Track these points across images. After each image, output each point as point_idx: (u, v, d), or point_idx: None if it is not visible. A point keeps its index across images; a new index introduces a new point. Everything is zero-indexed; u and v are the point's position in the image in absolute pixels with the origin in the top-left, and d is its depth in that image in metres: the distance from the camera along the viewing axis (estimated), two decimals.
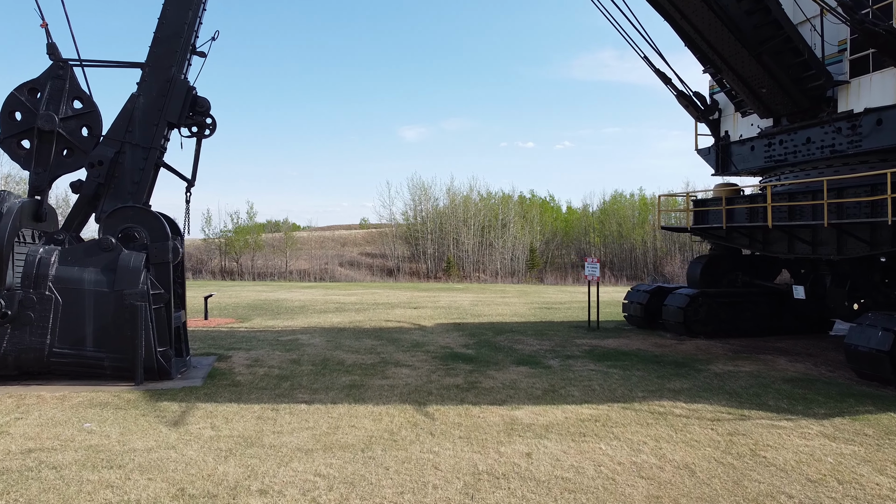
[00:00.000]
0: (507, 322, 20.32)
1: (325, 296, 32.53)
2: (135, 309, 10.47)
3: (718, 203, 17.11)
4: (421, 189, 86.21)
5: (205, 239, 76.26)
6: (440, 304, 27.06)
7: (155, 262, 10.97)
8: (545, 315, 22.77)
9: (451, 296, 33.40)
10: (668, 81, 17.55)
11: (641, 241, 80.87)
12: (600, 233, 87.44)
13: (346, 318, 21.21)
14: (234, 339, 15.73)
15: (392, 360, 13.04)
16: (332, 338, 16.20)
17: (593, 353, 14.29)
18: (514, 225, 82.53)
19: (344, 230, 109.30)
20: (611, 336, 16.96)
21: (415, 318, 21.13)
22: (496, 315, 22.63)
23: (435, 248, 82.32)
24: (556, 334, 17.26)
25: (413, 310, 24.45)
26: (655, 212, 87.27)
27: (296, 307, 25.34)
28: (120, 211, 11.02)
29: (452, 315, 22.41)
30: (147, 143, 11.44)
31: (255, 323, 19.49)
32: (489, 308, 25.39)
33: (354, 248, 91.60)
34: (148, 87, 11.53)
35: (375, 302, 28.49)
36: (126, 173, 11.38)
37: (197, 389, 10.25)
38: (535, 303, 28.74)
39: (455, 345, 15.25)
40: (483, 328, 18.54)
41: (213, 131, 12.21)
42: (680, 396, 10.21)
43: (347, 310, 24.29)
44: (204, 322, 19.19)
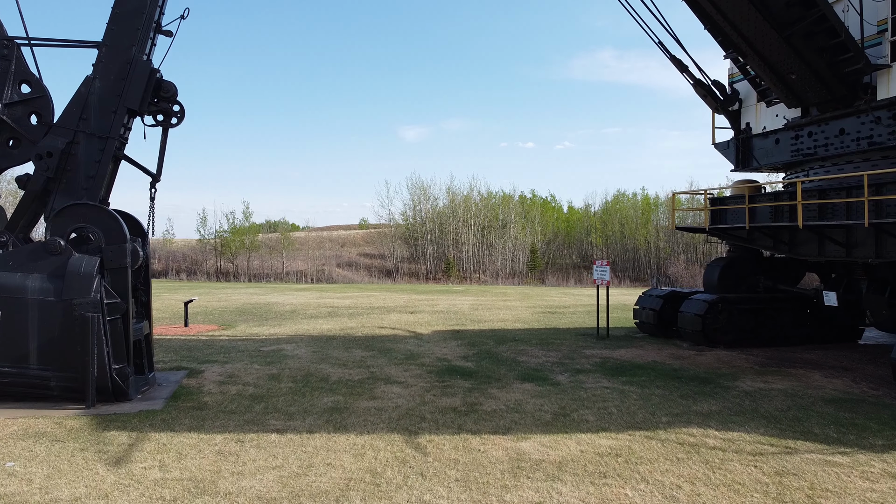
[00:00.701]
0: (509, 329, 18.97)
1: (318, 299, 31.19)
2: (85, 321, 9.14)
3: (739, 201, 15.77)
4: (420, 189, 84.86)
5: (200, 239, 74.90)
6: (438, 309, 25.72)
7: (111, 267, 9.63)
8: (549, 321, 21.42)
9: (450, 299, 32.05)
10: (685, 69, 16.22)
11: (644, 241, 79.49)
12: (602, 233, 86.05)
13: (338, 324, 19.86)
14: (211, 350, 14.39)
15: (382, 376, 11.69)
16: (320, 348, 14.86)
17: (605, 366, 12.95)
18: (514, 225, 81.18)
19: (343, 230, 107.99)
20: (622, 346, 15.61)
21: (411, 325, 19.79)
22: (497, 321, 21.28)
23: (434, 249, 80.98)
24: (563, 343, 15.91)
25: (409, 315, 23.10)
26: (658, 212, 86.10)
27: (286, 312, 24.00)
28: (71, 209, 9.68)
29: (451, 321, 21.06)
30: (104, 133, 10.10)
31: (238, 330, 18.14)
32: (490, 313, 24.04)
33: (353, 248, 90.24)
34: (105, 69, 10.18)
35: (371, 306, 27.15)
36: (80, 166, 10.04)
37: (155, 414, 8.91)
38: (537, 307, 27.39)
39: (453, 356, 13.91)
40: (484, 336, 17.20)
41: (181, 120, 10.88)
42: (710, 422, 8.86)
43: (340, 315, 22.94)
44: (183, 329, 17.85)
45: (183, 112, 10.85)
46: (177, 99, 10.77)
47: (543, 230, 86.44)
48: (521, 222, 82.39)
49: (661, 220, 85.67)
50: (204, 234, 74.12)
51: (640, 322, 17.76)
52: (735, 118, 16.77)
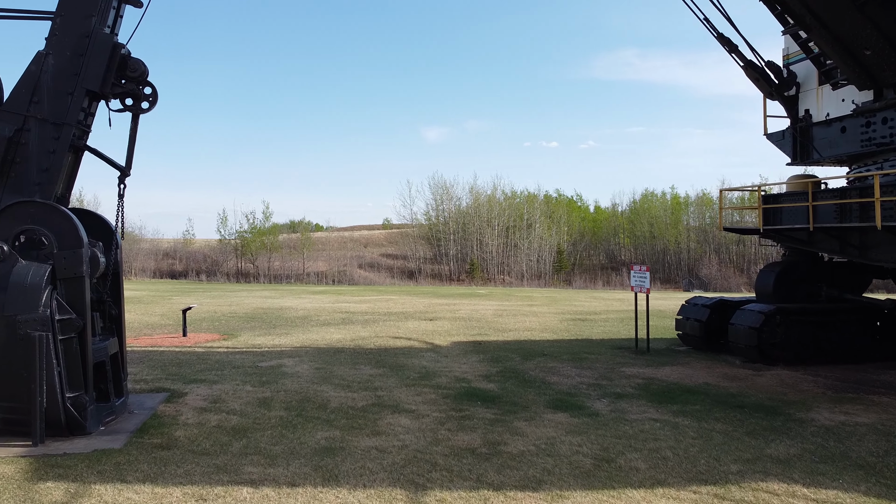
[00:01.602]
0: (536, 340, 17.22)
1: (333, 303, 29.69)
2: (31, 341, 7.63)
3: (798, 199, 13.88)
4: (443, 188, 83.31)
5: (220, 240, 74.13)
6: (459, 315, 24.03)
7: (64, 276, 8.11)
8: (580, 330, 19.62)
9: (472, 304, 30.35)
10: (734, 49, 14.37)
11: (675, 241, 76.97)
12: (631, 233, 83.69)
13: (349, 333, 18.28)
14: (203, 366, 12.87)
15: (390, 402, 10.04)
16: (324, 363, 13.27)
17: (649, 389, 11.17)
18: (539, 225, 79.19)
19: (366, 231, 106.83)
20: (666, 362, 13.80)
21: (429, 334, 18.13)
22: (523, 329, 19.54)
23: (457, 250, 79.29)
24: (598, 359, 14.14)
25: (428, 322, 21.46)
26: (688, 211, 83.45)
27: (297, 318, 22.50)
28: (16, 207, 8.17)
29: (472, 330, 19.37)
30: (59, 118, 8.58)
31: (240, 340, 16.64)
32: (515, 320, 22.30)
33: (376, 248, 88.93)
34: (60, 44, 8.68)
35: (388, 311, 25.56)
36: (31, 157, 8.53)
37: (110, 455, 7.35)
38: (566, 313, 25.58)
39: (473, 375, 12.22)
40: (508, 349, 15.48)
41: (153, 104, 9.34)
42: (793, 472, 7.06)
43: (354, 322, 21.37)
44: (181, 340, 16.40)
45: (155, 95, 9.31)
46: (147, 80, 9.23)
47: (569, 230, 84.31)
48: (547, 222, 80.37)
49: (691, 220, 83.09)
50: (224, 235, 73.34)
51: (683, 334, 15.92)
52: (792, 104, 14.86)
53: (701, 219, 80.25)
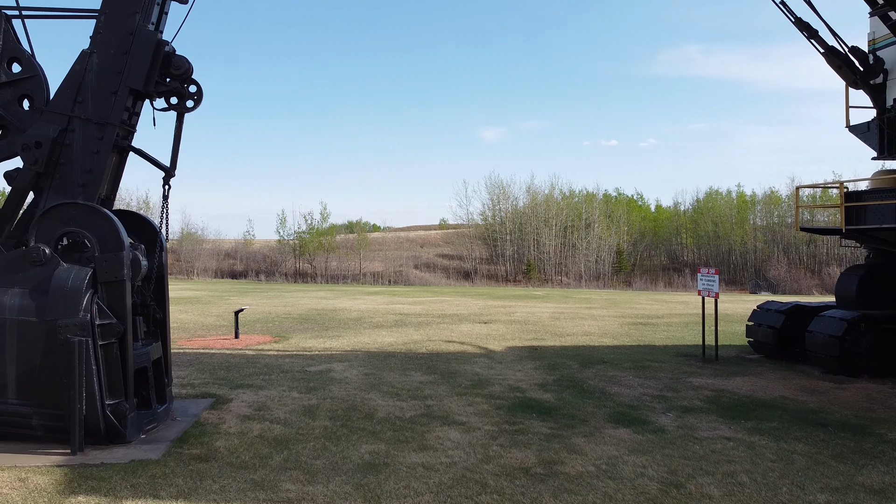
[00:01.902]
0: (595, 346, 16.43)
1: (388, 304, 29.43)
2: (70, 346, 7.43)
3: (886, 196, 12.73)
4: (499, 188, 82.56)
5: (279, 240, 75.29)
6: (515, 318, 23.38)
7: (105, 280, 7.90)
8: (642, 335, 18.71)
9: (528, 306, 29.62)
10: (814, 34, 13.33)
11: (741, 241, 74.12)
12: (694, 233, 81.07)
13: (402, 336, 17.88)
14: (252, 370, 12.65)
15: (440, 412, 9.53)
16: (374, 369, 12.87)
17: (719, 402, 10.33)
18: (598, 225, 77.53)
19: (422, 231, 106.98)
20: (736, 372, 12.86)
21: (483, 338, 17.57)
22: (582, 334, 18.76)
23: (514, 250, 78.39)
24: (662, 368, 13.30)
25: (483, 325, 20.90)
26: (755, 210, 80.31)
27: (350, 320, 22.27)
28: (58, 209, 8.00)
29: (528, 334, 18.70)
30: (103, 119, 8.39)
31: (291, 343, 16.44)
32: (573, 324, 21.51)
33: (432, 249, 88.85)
34: (104, 42, 8.48)
35: (442, 313, 25.11)
36: (75, 158, 8.36)
37: (146, 467, 7.06)
38: (626, 316, 24.60)
39: (528, 384, 11.60)
40: (566, 355, 14.77)
41: (198, 103, 9.07)
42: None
43: (407, 324, 20.99)
44: (232, 342, 16.30)
45: (200, 93, 9.04)
46: (192, 77, 8.97)
47: (629, 230, 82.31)
48: (606, 222, 78.63)
49: (758, 219, 79.92)
50: (283, 235, 74.44)
51: (754, 341, 14.90)
52: (878, 93, 13.67)
53: (768, 218, 77.11)
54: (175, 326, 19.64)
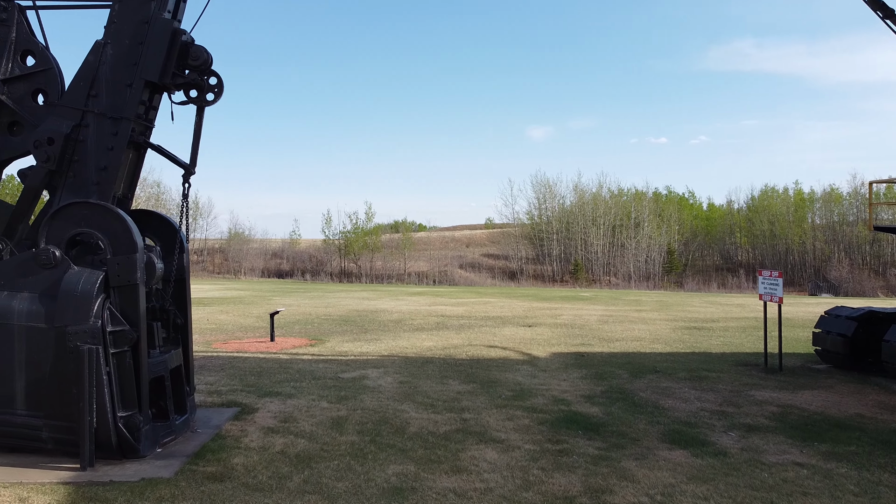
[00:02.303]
0: (646, 353, 15.45)
1: (430, 306, 28.83)
2: (80, 355, 6.96)
3: None
4: (545, 187, 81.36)
5: (325, 240, 75.65)
6: (561, 321, 22.47)
7: (117, 284, 7.41)
8: (697, 341, 17.61)
9: (575, 308, 28.62)
10: (890, 14, 12.11)
11: (799, 241, 71.21)
12: (748, 232, 78.31)
13: (442, 340, 17.20)
14: (283, 376, 12.14)
15: (477, 427, 8.80)
16: (410, 376, 12.21)
17: (787, 420, 9.33)
18: (648, 224, 75.60)
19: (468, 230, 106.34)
20: (804, 385, 11.77)
21: (526, 343, 16.76)
22: (631, 339, 17.76)
23: (561, 250, 77.04)
24: (720, 378, 12.29)
25: (527, 328, 20.08)
26: (814, 208, 77.11)
27: (390, 322, 21.73)
28: (69, 209, 7.55)
29: (575, 338, 17.80)
30: (117, 113, 7.92)
31: (327, 346, 15.93)
32: (622, 328, 20.49)
33: (478, 248, 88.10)
34: (118, 32, 8.01)
35: (485, 315, 24.36)
36: (89, 155, 7.91)
37: (157, 486, 6.53)
38: (679, 320, 23.42)
39: (574, 395, 10.76)
40: (614, 363, 13.86)
41: (219, 95, 8.54)
42: None
43: (448, 327, 20.32)
44: (267, 345, 15.88)
45: (221, 85, 8.50)
46: (211, 68, 8.44)
47: (681, 229, 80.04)
48: (656, 221, 76.61)
49: (816, 218, 76.73)
50: (328, 235, 74.74)
51: (822, 350, 13.72)
52: None
53: (828, 216, 73.92)
54: (213, 328, 19.40)
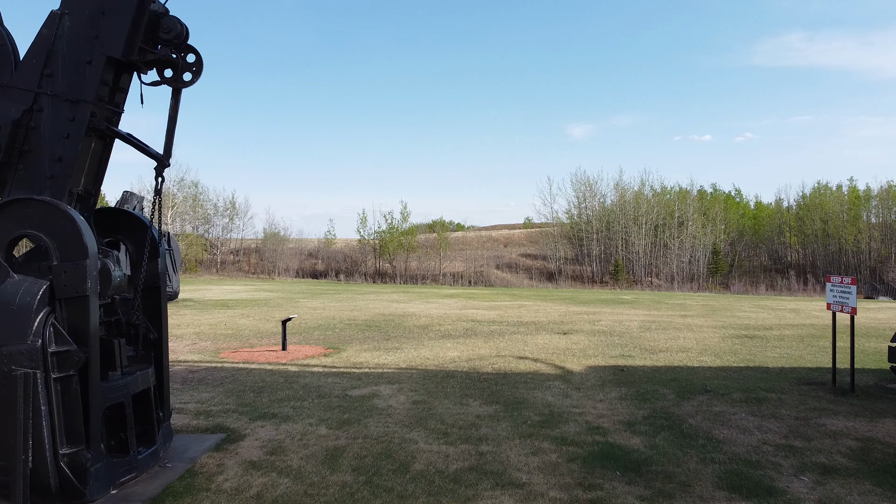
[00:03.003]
0: (694, 367, 13.85)
1: (461, 309, 27.51)
2: (14, 381, 5.83)
3: None
4: (585, 185, 79.22)
5: (360, 240, 74.89)
6: (600, 327, 20.91)
7: (64, 296, 6.27)
8: (750, 353, 15.90)
9: (615, 312, 26.96)
10: None
11: (854, 241, 67.74)
12: (799, 232, 74.93)
13: (468, 349, 15.86)
14: (285, 393, 10.94)
15: (494, 465, 7.43)
16: (426, 394, 10.90)
17: (870, 459, 7.73)
18: (692, 223, 72.89)
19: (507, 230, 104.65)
20: (884, 411, 10.08)
21: (560, 354, 15.30)
22: (677, 350, 16.15)
23: (601, 250, 74.86)
24: (782, 401, 10.67)
25: (562, 336, 18.60)
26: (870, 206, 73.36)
27: (416, 327, 20.48)
28: (11, 207, 6.43)
29: (614, 348, 16.26)
30: (76, 95, 6.78)
31: (342, 356, 14.73)
32: (666, 336, 18.85)
33: (516, 248, 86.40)
34: (78, 1, 6.88)
35: (518, 321, 22.93)
36: (43, 144, 6.80)
37: None
38: (728, 327, 21.63)
39: (612, 421, 9.31)
40: (659, 380, 12.32)
41: (197, 76, 7.35)
42: None
43: (477, 334, 18.97)
44: (277, 354, 14.75)
45: (200, 64, 7.31)
46: (188, 44, 7.26)
47: (727, 228, 77.08)
48: (701, 220, 73.85)
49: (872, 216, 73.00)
50: (363, 235, 73.98)
51: None
52: None
53: (885, 214, 70.22)
54: (228, 334, 18.43)
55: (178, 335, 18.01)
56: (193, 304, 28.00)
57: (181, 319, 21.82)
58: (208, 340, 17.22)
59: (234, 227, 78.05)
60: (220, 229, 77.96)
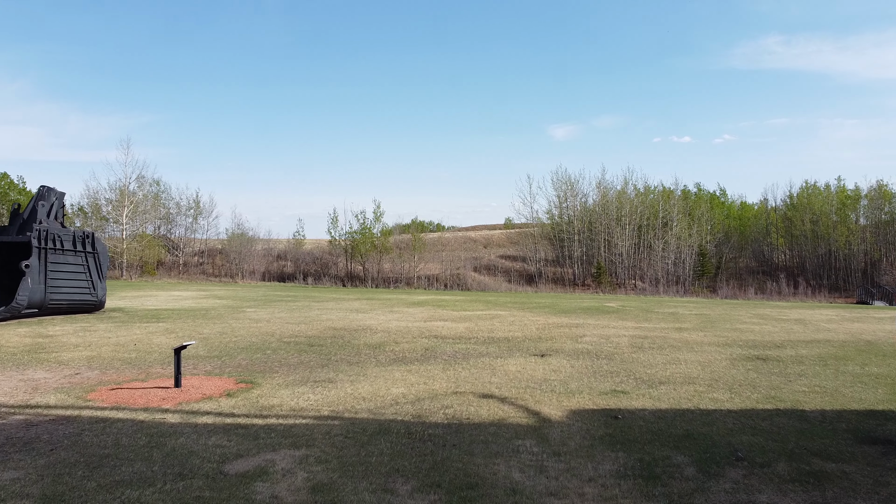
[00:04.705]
0: (709, 410, 10.61)
1: (426, 321, 24.17)
2: None
3: None
4: (567, 183, 76.24)
5: (330, 241, 71.22)
6: (584, 345, 17.69)
7: None
8: (772, 384, 12.72)
9: (601, 325, 23.77)
10: None
11: (845, 242, 65.33)
12: (787, 233, 72.49)
13: (420, 383, 12.52)
14: (133, 469, 7.51)
15: None
16: (338, 471, 7.52)
17: None
18: (678, 224, 70.15)
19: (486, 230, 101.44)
20: None
21: (536, 388, 12.01)
22: (682, 381, 12.94)
23: (583, 251, 71.87)
24: (847, 475, 7.44)
25: (538, 360, 15.34)
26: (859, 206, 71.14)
27: (367, 346, 17.12)
28: None
29: (603, 378, 13.01)
30: None
31: (253, 396, 11.29)
32: (664, 358, 15.66)
33: (495, 249, 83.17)
34: None
35: (490, 336, 19.64)
36: None
37: None
38: (733, 344, 18.50)
39: None
40: (667, 436, 9.06)
41: None
42: None
43: (437, 356, 15.66)
44: (167, 393, 11.27)
45: None
46: None
47: (712, 229, 74.48)
48: (686, 220, 71.14)
49: (861, 217, 70.77)
50: (334, 236, 70.36)
51: None
52: None
53: (876, 215, 67.96)
54: (126, 360, 14.93)
55: (62, 361, 14.48)
56: (118, 317, 24.35)
57: (84, 338, 18.24)
58: (96, 370, 13.71)
59: (199, 227, 74.08)
60: (184, 229, 73.93)
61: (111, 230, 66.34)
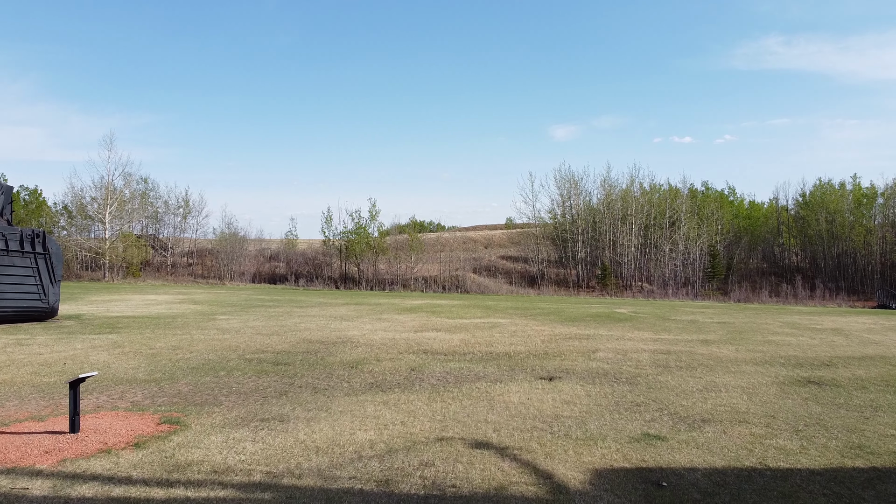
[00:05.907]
0: (783, 470, 7.83)
1: (417, 331, 21.40)
2: None
3: None
4: (570, 182, 73.41)
5: (324, 241, 68.40)
6: (598, 363, 14.90)
7: None
8: (846, 424, 9.93)
9: (614, 336, 20.98)
10: None
11: (863, 242, 62.44)
12: (800, 232, 69.65)
13: (396, 423, 9.75)
14: None
15: None
16: None
17: None
18: (686, 223, 67.31)
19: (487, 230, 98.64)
20: None
21: (545, 430, 9.24)
22: (730, 419, 10.15)
23: (587, 252, 69.05)
24: None
25: (546, 385, 12.57)
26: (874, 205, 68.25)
27: (343, 366, 14.36)
28: None
29: (630, 415, 10.22)
30: None
31: (170, 446, 8.52)
32: (697, 383, 12.87)
33: (497, 249, 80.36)
34: None
35: (488, 351, 16.88)
36: None
37: None
38: (774, 362, 15.71)
39: None
40: None
41: None
42: None
43: (423, 381, 12.90)
44: (58, 442, 8.49)
45: None
46: None
47: (721, 229, 71.64)
48: (694, 220, 68.31)
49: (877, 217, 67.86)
50: (328, 235, 67.56)
51: None
52: None
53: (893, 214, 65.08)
54: (48, 385, 12.17)
55: None
56: (69, 326, 21.60)
57: (10, 354, 15.47)
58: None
59: (188, 227, 71.32)
60: (172, 229, 71.19)
61: (97, 230, 63.71)
